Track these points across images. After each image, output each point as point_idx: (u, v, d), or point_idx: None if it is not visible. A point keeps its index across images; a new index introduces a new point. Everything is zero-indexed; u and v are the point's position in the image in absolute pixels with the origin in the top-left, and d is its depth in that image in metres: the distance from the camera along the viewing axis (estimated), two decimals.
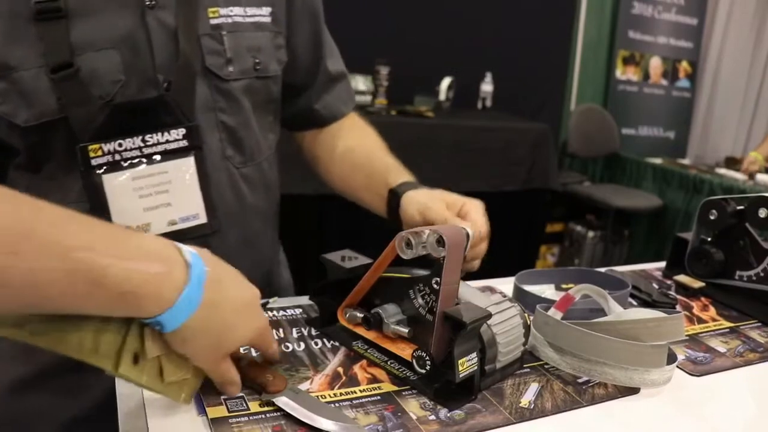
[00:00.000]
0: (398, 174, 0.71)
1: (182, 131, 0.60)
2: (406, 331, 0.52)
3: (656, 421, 0.50)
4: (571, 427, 0.48)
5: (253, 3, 0.66)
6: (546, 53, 2.88)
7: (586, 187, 2.99)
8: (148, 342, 0.40)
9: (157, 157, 0.60)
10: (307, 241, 1.96)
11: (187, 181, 0.62)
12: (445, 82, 2.50)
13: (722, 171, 2.83)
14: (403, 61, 2.36)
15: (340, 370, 0.53)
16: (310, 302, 0.65)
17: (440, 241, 0.48)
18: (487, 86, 2.67)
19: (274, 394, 0.46)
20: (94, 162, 0.57)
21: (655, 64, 3.35)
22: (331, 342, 0.58)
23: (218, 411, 0.45)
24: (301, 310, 0.64)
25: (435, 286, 0.49)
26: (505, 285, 0.75)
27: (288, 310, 0.64)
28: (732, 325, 0.70)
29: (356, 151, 0.78)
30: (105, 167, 0.58)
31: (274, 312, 0.63)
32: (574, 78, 3.16)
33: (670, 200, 2.77)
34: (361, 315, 0.55)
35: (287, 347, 0.56)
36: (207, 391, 0.47)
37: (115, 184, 0.58)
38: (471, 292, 0.56)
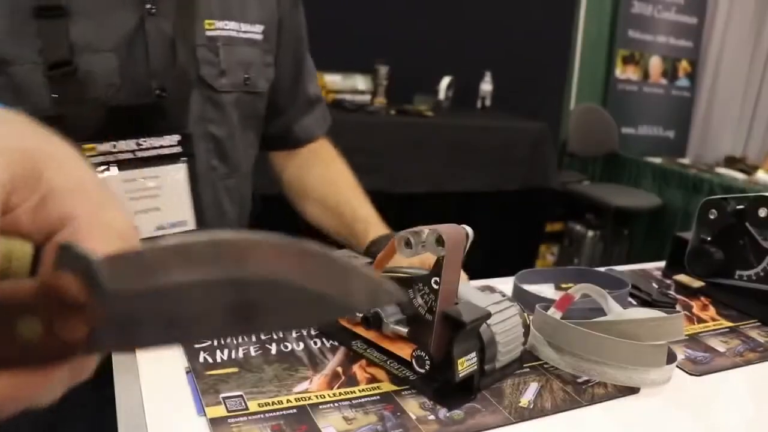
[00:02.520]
0: (375, 228, 0.72)
1: (176, 138, 0.61)
2: (406, 330, 0.52)
3: (656, 420, 0.50)
4: (571, 426, 0.48)
5: (248, 19, 0.68)
6: (545, 52, 2.88)
7: (586, 186, 2.99)
8: None
9: (150, 162, 0.60)
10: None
11: (177, 188, 0.62)
12: (445, 81, 2.50)
13: (722, 170, 2.84)
14: (402, 60, 2.36)
15: (339, 369, 0.53)
16: None
17: (440, 240, 0.48)
18: (486, 86, 2.67)
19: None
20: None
21: (655, 63, 3.34)
22: (330, 341, 0.58)
23: (217, 411, 0.45)
24: None
25: (434, 285, 0.49)
26: (505, 284, 0.75)
27: None
28: (732, 324, 0.70)
29: (329, 196, 0.79)
30: (97, 167, 0.58)
31: None
32: (574, 77, 3.16)
33: (669, 199, 2.77)
34: (360, 314, 0.55)
35: (286, 347, 0.56)
36: (206, 391, 0.47)
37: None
38: (470, 291, 0.56)
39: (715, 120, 3.56)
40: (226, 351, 0.54)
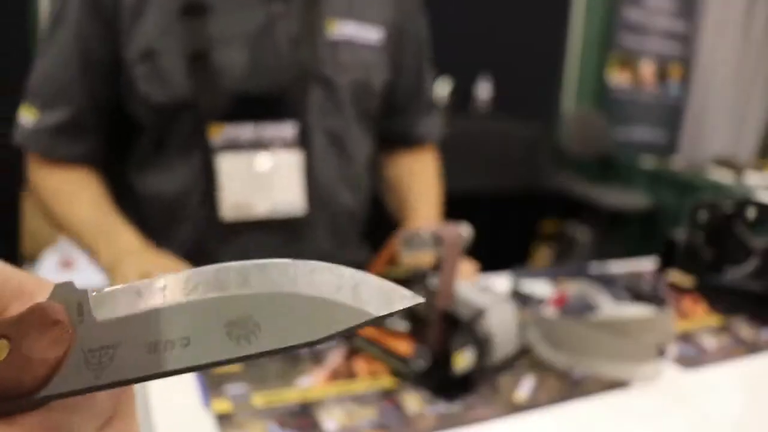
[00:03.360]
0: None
1: (295, 127, 0.66)
2: (405, 327, 0.53)
3: (648, 413, 0.52)
4: (565, 419, 0.49)
5: (370, 22, 0.72)
6: (541, 56, 2.91)
7: (580, 187, 3.02)
8: None
9: (270, 147, 0.66)
10: None
11: (292, 174, 0.67)
12: (441, 83, 2.52)
13: (713, 171, 2.87)
14: None
15: (341, 365, 0.54)
16: None
17: (438, 240, 0.50)
18: (482, 88, 2.69)
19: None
20: (214, 142, 0.64)
21: (647, 67, 3.38)
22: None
23: (222, 405, 0.46)
24: None
25: (433, 283, 0.50)
26: (501, 282, 0.76)
27: None
28: (721, 321, 0.72)
29: (413, 188, 0.84)
30: (223, 148, 0.64)
31: None
32: (569, 80, 3.19)
33: (662, 200, 2.81)
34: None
35: None
36: (212, 386, 0.48)
37: (229, 164, 0.65)
38: (468, 289, 0.57)
39: (706, 122, 3.60)
40: None
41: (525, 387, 0.53)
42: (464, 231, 0.53)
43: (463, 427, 0.46)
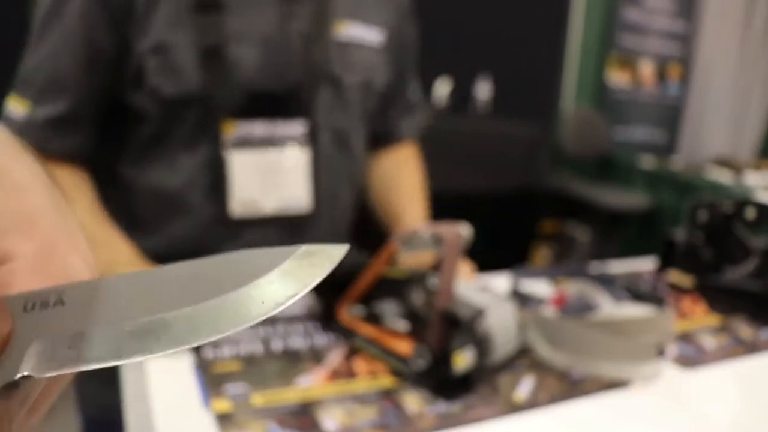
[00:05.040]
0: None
1: (304, 124, 0.67)
2: (405, 327, 0.53)
3: (647, 413, 0.52)
4: (565, 419, 0.49)
5: (376, 24, 0.73)
6: (540, 56, 2.91)
7: (579, 187, 3.02)
8: None
9: (278, 143, 0.67)
10: None
11: (300, 171, 0.68)
12: (440, 83, 2.52)
13: (712, 171, 2.87)
14: None
15: (340, 364, 0.54)
16: (312, 299, 0.66)
17: (437, 240, 0.50)
18: (482, 88, 2.69)
19: None
20: (225, 138, 0.64)
21: (647, 67, 3.39)
22: (332, 337, 0.59)
23: (222, 404, 0.46)
24: (302, 305, 0.65)
25: (433, 283, 0.50)
26: (501, 283, 0.76)
27: (290, 307, 0.65)
28: (721, 320, 0.72)
29: (384, 192, 0.85)
30: (234, 144, 0.65)
31: None
32: (568, 80, 3.19)
33: (661, 200, 2.81)
34: (361, 311, 0.57)
35: (289, 343, 0.57)
36: (212, 385, 0.48)
37: (240, 160, 0.65)
38: (467, 289, 0.58)
39: (705, 122, 3.60)
40: (232, 346, 0.55)
41: (524, 387, 0.53)
42: (464, 231, 0.54)
43: (463, 427, 0.46)
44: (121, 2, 0.61)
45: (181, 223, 0.68)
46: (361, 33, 0.72)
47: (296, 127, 0.67)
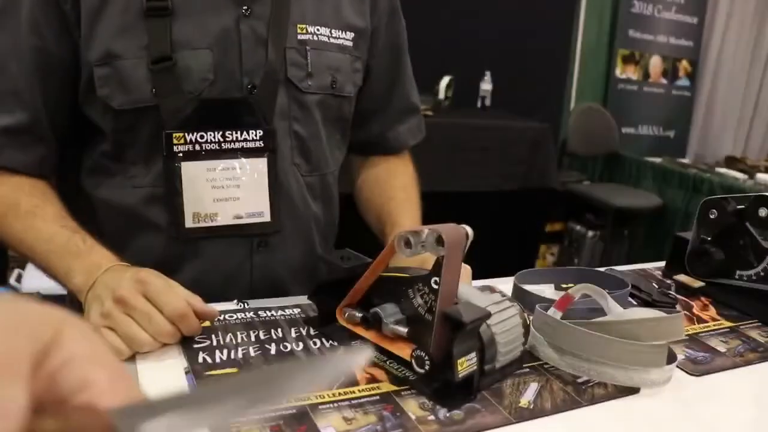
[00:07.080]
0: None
1: (260, 133, 0.64)
2: (405, 330, 0.52)
3: (656, 420, 0.50)
4: (571, 427, 0.48)
5: (339, 26, 0.70)
6: (546, 52, 2.88)
7: (586, 186, 2.99)
8: None
9: (234, 153, 0.64)
10: None
11: (257, 180, 0.65)
12: (444, 80, 2.50)
13: (722, 170, 2.83)
14: None
15: None
16: (309, 302, 0.65)
17: (439, 240, 0.48)
18: (486, 85, 2.67)
19: None
20: (176, 149, 0.62)
21: (655, 62, 3.34)
22: (330, 341, 0.58)
23: None
24: (299, 309, 0.64)
25: (434, 285, 0.49)
26: (505, 284, 0.74)
27: (286, 310, 0.64)
28: (732, 324, 0.70)
29: (376, 198, 0.81)
30: (185, 155, 0.62)
31: (272, 312, 0.63)
32: (574, 77, 3.16)
33: (669, 199, 2.77)
34: (360, 314, 0.55)
35: (285, 347, 0.56)
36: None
37: (192, 172, 0.63)
38: (470, 291, 0.56)
39: (715, 120, 3.56)
40: (225, 351, 0.54)
41: (529, 393, 0.51)
42: (466, 231, 0.52)
43: None
44: (69, 8, 0.59)
45: (143, 239, 0.66)
46: (324, 38, 0.69)
47: (252, 135, 0.64)
